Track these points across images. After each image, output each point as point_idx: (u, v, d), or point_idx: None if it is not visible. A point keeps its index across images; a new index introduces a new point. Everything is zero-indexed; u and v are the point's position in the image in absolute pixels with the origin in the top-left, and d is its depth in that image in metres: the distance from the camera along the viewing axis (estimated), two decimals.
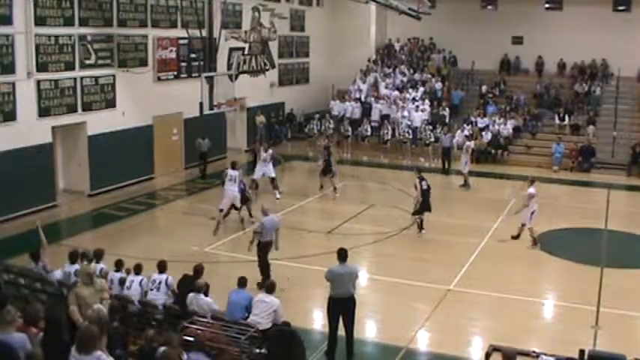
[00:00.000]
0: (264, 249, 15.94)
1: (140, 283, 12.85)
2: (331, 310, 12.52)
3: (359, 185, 26.51)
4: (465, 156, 25.98)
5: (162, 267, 13.10)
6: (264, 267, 15.81)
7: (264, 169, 23.78)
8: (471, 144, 26.80)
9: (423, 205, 20.06)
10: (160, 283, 12.79)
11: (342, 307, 12.45)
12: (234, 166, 20.63)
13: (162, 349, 9.00)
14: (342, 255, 12.63)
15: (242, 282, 12.53)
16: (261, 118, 33.06)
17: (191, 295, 11.97)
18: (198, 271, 13.16)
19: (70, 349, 8.27)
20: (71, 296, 11.04)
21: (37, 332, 9.07)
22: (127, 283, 12.87)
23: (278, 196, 23.43)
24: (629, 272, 17.44)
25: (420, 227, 20.16)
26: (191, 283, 12.80)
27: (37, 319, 9.23)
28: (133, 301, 12.26)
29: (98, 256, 13.60)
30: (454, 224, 21.40)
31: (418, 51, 39.64)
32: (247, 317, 11.72)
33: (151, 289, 12.82)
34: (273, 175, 23.87)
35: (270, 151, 24.08)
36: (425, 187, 20.00)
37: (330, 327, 12.56)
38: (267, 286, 12.01)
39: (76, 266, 13.26)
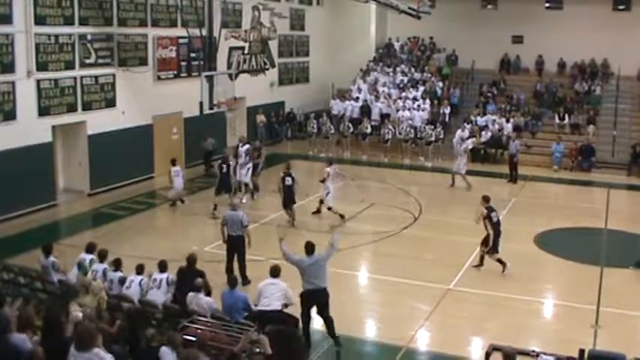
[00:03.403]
0: (230, 243, 15.99)
1: (140, 283, 12.89)
2: (305, 304, 12.58)
3: (359, 184, 26.47)
4: (463, 156, 25.91)
5: (163, 266, 13.21)
6: (238, 263, 15.96)
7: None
8: (469, 142, 26.75)
9: (496, 242, 17.01)
10: (160, 281, 12.88)
11: (314, 300, 12.52)
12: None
13: (164, 348, 9.05)
14: (309, 248, 12.78)
15: (233, 283, 12.52)
16: (261, 117, 33.09)
17: (191, 294, 12.00)
18: (191, 261, 13.35)
19: (67, 349, 8.29)
20: (74, 307, 11.07)
21: (34, 333, 9.10)
22: (127, 283, 12.91)
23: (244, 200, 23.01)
24: (629, 271, 17.43)
25: (499, 262, 17.01)
26: (187, 274, 12.93)
27: (30, 323, 9.25)
28: (133, 301, 12.29)
29: (102, 256, 13.66)
30: (453, 223, 21.38)
31: (418, 50, 39.66)
32: (247, 317, 11.77)
33: (152, 288, 12.90)
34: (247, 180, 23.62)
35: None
36: (495, 219, 17.10)
37: (302, 321, 12.51)
38: (272, 270, 12.18)
39: (52, 259, 13.63)
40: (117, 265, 13.37)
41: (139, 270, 13.16)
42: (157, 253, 15.97)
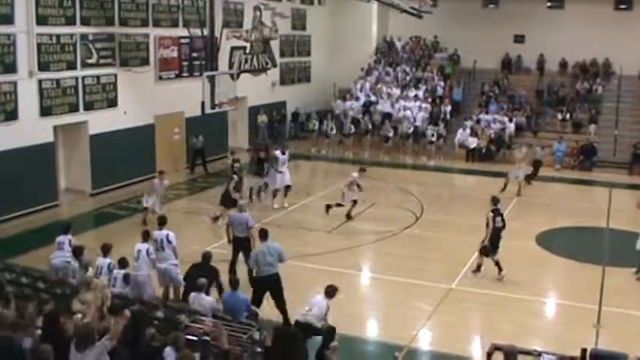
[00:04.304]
0: (236, 244, 15.95)
1: (147, 252, 13.65)
2: (256, 291, 13.48)
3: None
4: (521, 162, 25.25)
5: (162, 222, 14.55)
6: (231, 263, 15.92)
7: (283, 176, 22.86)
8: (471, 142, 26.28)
9: (492, 244, 16.53)
10: (162, 241, 13.90)
11: (266, 286, 13.36)
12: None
13: (167, 349, 9.08)
14: (263, 235, 13.89)
15: (234, 283, 12.52)
16: (262, 117, 33.11)
17: (193, 294, 12.04)
18: (206, 258, 13.70)
19: (68, 347, 8.33)
20: (76, 303, 11.09)
21: (34, 331, 9.14)
22: (135, 254, 13.55)
23: (285, 204, 22.78)
24: (630, 271, 17.40)
25: (478, 269, 16.84)
26: (199, 269, 13.23)
27: (32, 319, 9.30)
28: (134, 301, 12.33)
29: (105, 250, 13.74)
30: (456, 222, 21.41)
31: (420, 49, 39.58)
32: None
33: (157, 250, 13.84)
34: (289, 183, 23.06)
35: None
36: (499, 224, 16.57)
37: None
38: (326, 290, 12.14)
39: (70, 237, 14.46)
40: (122, 263, 13.41)
41: (146, 237, 14.05)
42: None
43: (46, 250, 15.39)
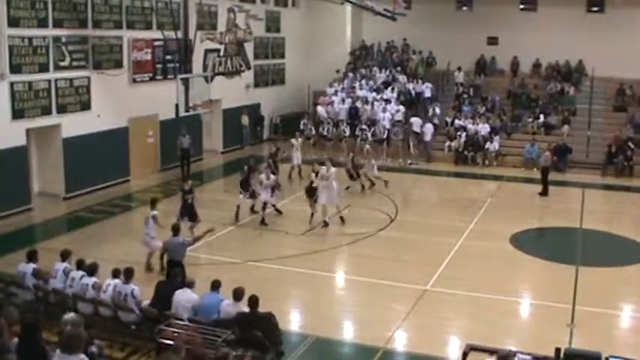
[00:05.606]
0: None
1: (114, 289, 12.77)
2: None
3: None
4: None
5: (128, 275, 12.69)
6: None
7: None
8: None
9: None
10: (125, 295, 12.38)
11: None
12: None
13: None
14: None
15: (215, 285, 12.50)
16: (245, 119, 33.17)
17: (179, 291, 12.14)
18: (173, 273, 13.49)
19: (46, 354, 8.24)
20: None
21: (13, 336, 9.03)
22: (104, 287, 12.74)
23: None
24: (603, 270, 17.58)
25: None
26: (168, 284, 12.96)
27: (15, 321, 9.22)
28: (108, 305, 12.24)
29: (64, 256, 13.54)
30: (430, 224, 21.47)
31: (389, 53, 39.51)
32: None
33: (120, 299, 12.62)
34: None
35: (273, 177, 22.03)
36: None
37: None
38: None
39: (33, 265, 13.38)
40: (92, 270, 13.04)
41: (116, 274, 13.00)
42: (133, 257, 15.96)
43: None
